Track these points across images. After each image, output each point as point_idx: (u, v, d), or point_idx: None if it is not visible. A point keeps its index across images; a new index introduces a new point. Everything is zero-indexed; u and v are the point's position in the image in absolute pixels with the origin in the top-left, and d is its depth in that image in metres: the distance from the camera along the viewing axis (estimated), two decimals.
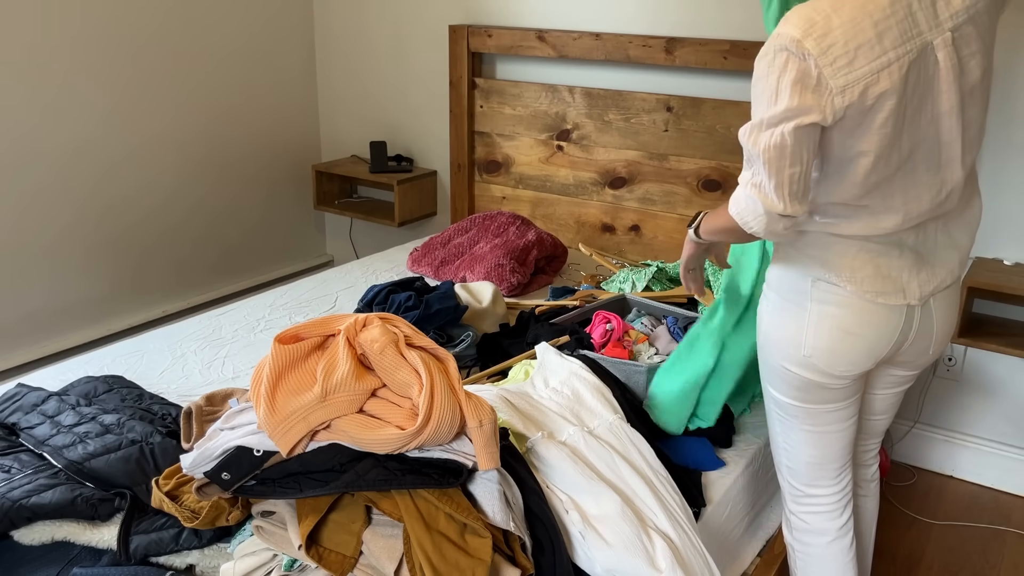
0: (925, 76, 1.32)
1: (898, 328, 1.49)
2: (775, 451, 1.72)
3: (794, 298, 1.51)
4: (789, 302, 1.52)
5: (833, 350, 1.49)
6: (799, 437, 1.63)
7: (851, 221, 1.43)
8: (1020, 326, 2.56)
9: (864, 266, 1.45)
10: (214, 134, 3.45)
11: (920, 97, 1.33)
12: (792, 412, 1.61)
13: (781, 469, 1.71)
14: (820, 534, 1.69)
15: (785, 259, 1.53)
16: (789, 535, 1.75)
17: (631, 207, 3.09)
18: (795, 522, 1.72)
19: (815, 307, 1.49)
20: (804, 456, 1.65)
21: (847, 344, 1.49)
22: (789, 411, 1.61)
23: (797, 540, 1.72)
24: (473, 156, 3.41)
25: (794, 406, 1.60)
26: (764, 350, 1.60)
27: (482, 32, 3.21)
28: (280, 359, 1.33)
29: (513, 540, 1.35)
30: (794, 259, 1.51)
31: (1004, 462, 2.72)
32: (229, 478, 1.32)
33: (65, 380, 2.04)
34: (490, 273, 2.69)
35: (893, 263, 1.46)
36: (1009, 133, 2.47)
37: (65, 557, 1.43)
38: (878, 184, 1.37)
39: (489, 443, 1.33)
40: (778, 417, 1.65)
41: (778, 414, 1.65)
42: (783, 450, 1.68)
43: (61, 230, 3.00)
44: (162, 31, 3.17)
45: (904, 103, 1.31)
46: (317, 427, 1.31)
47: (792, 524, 1.73)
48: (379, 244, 3.83)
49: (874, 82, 1.27)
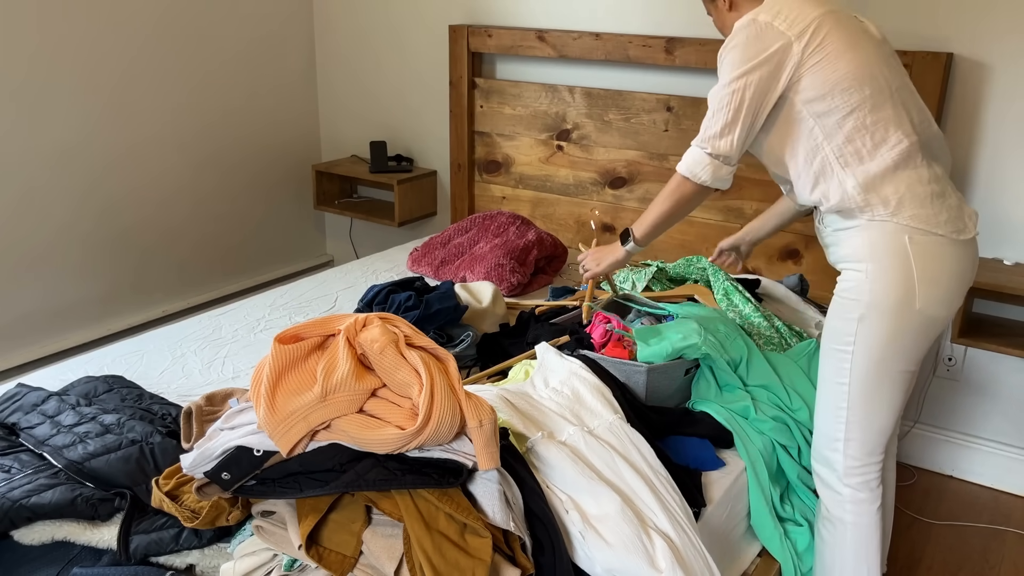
0: (855, 24, 1.73)
1: (973, 262, 1.74)
2: (834, 431, 1.79)
3: (896, 259, 1.67)
4: (891, 265, 1.67)
5: (939, 295, 1.68)
6: (877, 406, 1.75)
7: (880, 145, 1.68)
8: (1020, 326, 2.56)
9: (941, 210, 1.68)
10: (214, 134, 3.45)
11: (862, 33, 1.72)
12: (885, 381, 1.72)
13: (840, 447, 1.79)
14: (872, 500, 1.79)
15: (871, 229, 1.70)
16: (841, 512, 1.80)
17: (631, 207, 3.09)
18: (850, 495, 1.79)
19: (918, 261, 1.66)
20: (878, 424, 1.76)
21: (950, 285, 1.69)
22: (883, 380, 1.72)
23: (851, 513, 1.79)
24: (473, 156, 3.41)
25: (891, 374, 1.72)
26: (867, 321, 1.70)
27: (482, 32, 3.21)
28: (280, 359, 1.33)
29: (513, 540, 1.35)
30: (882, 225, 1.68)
31: (1004, 462, 2.72)
32: (229, 478, 1.32)
33: (65, 380, 2.04)
34: (490, 273, 2.69)
35: (951, 202, 1.71)
36: (1008, 134, 2.47)
37: (65, 557, 1.43)
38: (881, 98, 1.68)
39: (489, 443, 1.33)
40: (859, 390, 1.74)
41: (860, 388, 1.74)
42: (852, 423, 1.76)
43: (62, 230, 3.00)
44: (162, 31, 3.17)
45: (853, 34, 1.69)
46: (317, 427, 1.31)
47: (845, 498, 1.79)
48: (379, 244, 3.83)
49: (823, 22, 1.67)
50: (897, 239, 1.67)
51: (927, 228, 1.67)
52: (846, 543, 1.81)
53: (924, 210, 1.67)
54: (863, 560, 1.81)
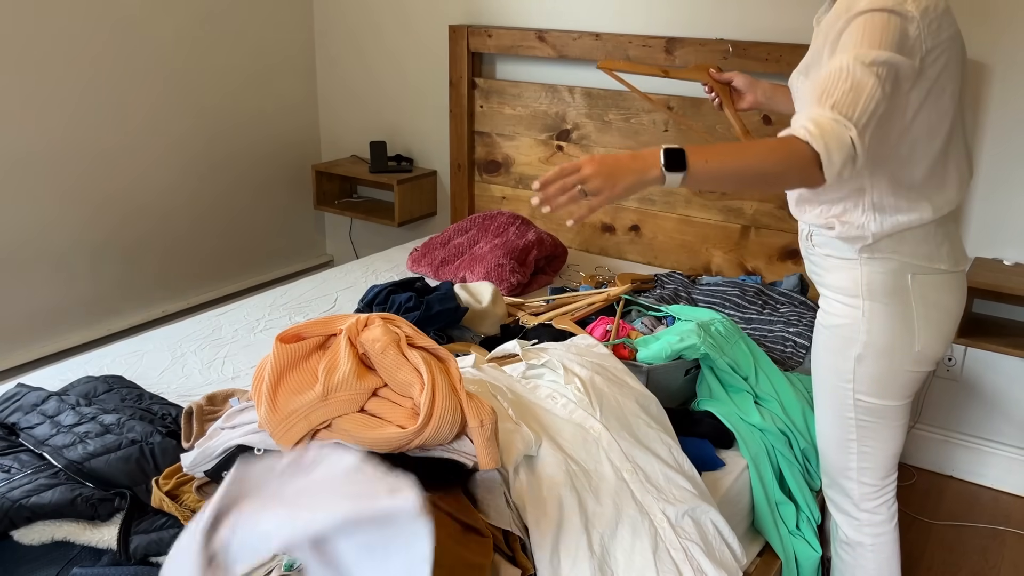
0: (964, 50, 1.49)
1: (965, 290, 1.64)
2: (846, 461, 1.72)
3: (896, 299, 1.57)
4: (891, 305, 1.57)
5: (939, 335, 1.60)
6: (888, 434, 1.68)
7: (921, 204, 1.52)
8: (1020, 326, 2.56)
9: (943, 242, 1.57)
10: (215, 133, 3.45)
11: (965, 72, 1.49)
12: (889, 413, 1.66)
13: (854, 476, 1.73)
14: (889, 519, 1.75)
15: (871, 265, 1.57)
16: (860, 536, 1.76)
17: (631, 207, 3.09)
18: (867, 519, 1.75)
19: (918, 301, 1.56)
20: (890, 450, 1.70)
21: (948, 324, 1.61)
22: (887, 413, 1.65)
23: (870, 536, 1.75)
24: (473, 156, 3.41)
25: (894, 407, 1.65)
26: (865, 362, 1.61)
27: (482, 32, 3.21)
28: (282, 358, 1.33)
29: (513, 540, 1.35)
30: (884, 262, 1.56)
31: (1003, 462, 2.73)
32: None
33: (65, 380, 2.04)
34: (490, 273, 2.69)
35: (953, 228, 1.60)
36: (1008, 134, 2.47)
37: (65, 557, 1.43)
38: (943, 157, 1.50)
39: (490, 443, 1.33)
40: (867, 425, 1.67)
41: (868, 423, 1.67)
42: (864, 454, 1.70)
43: (61, 230, 3.00)
44: (162, 30, 3.17)
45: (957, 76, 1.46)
46: (318, 426, 1.31)
47: (863, 523, 1.75)
48: (379, 244, 3.83)
49: (947, 49, 1.42)
50: (899, 279, 1.56)
51: (929, 264, 1.55)
52: (867, 563, 1.78)
53: (927, 245, 1.55)
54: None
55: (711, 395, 1.99)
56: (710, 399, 1.98)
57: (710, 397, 1.99)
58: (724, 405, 1.95)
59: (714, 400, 1.97)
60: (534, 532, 1.36)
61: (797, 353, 2.29)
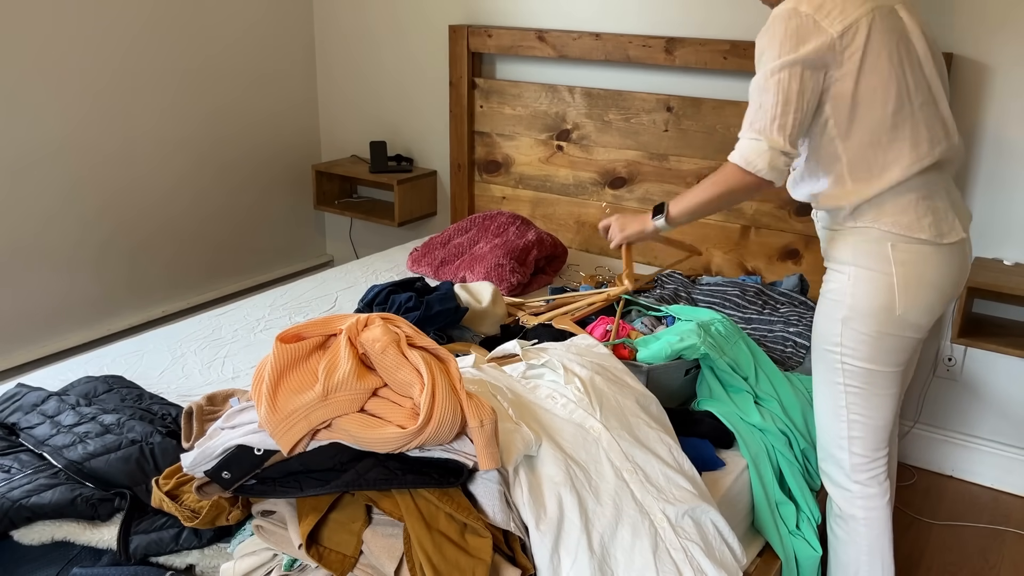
0: (898, 25, 1.66)
1: (962, 265, 1.74)
2: (838, 429, 1.81)
3: (877, 265, 1.69)
4: (873, 271, 1.69)
5: (920, 303, 1.69)
6: (877, 402, 1.77)
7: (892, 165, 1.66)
8: (1020, 326, 2.56)
9: (925, 214, 1.68)
10: (214, 134, 3.45)
11: (899, 41, 1.65)
12: (877, 379, 1.75)
13: (845, 444, 1.81)
14: (881, 495, 1.82)
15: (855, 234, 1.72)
16: (852, 509, 1.83)
17: (631, 207, 3.09)
18: (859, 491, 1.82)
19: (899, 268, 1.68)
20: (880, 420, 1.78)
21: (931, 294, 1.70)
22: (876, 379, 1.74)
23: (862, 509, 1.82)
24: (473, 156, 3.41)
25: (881, 373, 1.74)
26: (850, 324, 1.72)
27: (482, 32, 3.21)
28: (282, 358, 1.33)
29: (513, 540, 1.35)
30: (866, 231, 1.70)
31: (1003, 462, 2.73)
32: (229, 477, 1.32)
33: (65, 380, 2.04)
34: (490, 273, 2.69)
35: (940, 204, 1.70)
36: (1008, 134, 2.48)
37: (65, 557, 1.43)
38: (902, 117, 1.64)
39: (490, 443, 1.33)
40: (856, 391, 1.76)
41: (856, 388, 1.76)
42: (854, 423, 1.78)
43: (61, 230, 3.00)
44: (162, 29, 3.17)
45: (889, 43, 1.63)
46: (318, 426, 1.31)
47: (855, 495, 1.82)
48: (379, 244, 3.83)
49: (863, 25, 1.61)
50: (880, 246, 1.69)
51: (909, 234, 1.67)
52: (859, 539, 1.84)
53: (907, 216, 1.67)
54: (877, 555, 1.84)
55: (711, 395, 1.99)
56: (710, 399, 1.98)
57: (710, 397, 1.99)
58: (724, 405, 1.95)
59: (714, 400, 1.97)
60: (534, 532, 1.36)
61: (797, 353, 2.29)
